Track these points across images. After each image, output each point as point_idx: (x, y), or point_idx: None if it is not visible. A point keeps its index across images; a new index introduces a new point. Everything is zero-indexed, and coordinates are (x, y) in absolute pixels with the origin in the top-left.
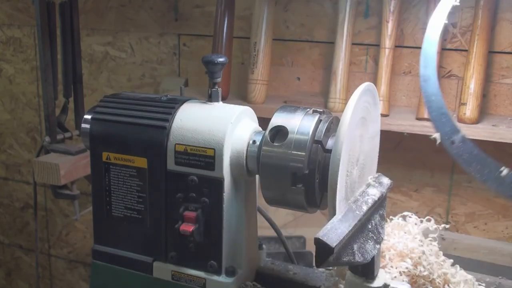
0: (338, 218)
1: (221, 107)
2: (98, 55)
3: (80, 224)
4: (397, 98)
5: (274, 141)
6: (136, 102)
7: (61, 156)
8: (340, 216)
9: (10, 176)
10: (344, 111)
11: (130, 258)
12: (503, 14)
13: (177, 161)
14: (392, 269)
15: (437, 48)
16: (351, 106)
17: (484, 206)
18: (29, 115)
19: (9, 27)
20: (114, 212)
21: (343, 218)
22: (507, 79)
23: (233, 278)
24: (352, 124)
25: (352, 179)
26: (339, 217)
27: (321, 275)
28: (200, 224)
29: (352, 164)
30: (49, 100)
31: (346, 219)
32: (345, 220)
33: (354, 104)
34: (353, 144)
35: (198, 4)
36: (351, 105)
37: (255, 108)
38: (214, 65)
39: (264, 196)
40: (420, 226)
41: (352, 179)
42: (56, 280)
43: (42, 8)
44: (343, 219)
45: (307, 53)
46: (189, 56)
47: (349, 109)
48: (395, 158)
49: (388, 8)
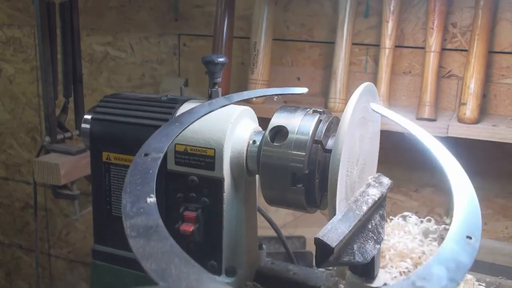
0: (338, 218)
1: None
2: (98, 55)
3: (80, 224)
4: (397, 98)
5: (274, 141)
6: (136, 102)
7: (61, 156)
8: (340, 216)
9: (10, 176)
10: (344, 111)
11: (130, 258)
12: (503, 14)
13: (177, 161)
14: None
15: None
16: (351, 106)
17: (484, 206)
18: (29, 115)
19: (9, 27)
20: (114, 212)
21: (343, 218)
22: (507, 79)
23: (233, 278)
24: (352, 124)
25: (352, 179)
26: (339, 217)
27: (321, 275)
28: (200, 224)
29: (352, 164)
30: (49, 100)
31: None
32: (345, 220)
33: (354, 104)
34: (353, 144)
35: (198, 4)
36: (351, 105)
37: (255, 108)
38: (214, 65)
39: (264, 196)
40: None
41: (352, 179)
42: (56, 280)
43: (42, 8)
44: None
45: (307, 53)
46: (189, 56)
47: (349, 109)
48: (395, 158)
49: (388, 8)
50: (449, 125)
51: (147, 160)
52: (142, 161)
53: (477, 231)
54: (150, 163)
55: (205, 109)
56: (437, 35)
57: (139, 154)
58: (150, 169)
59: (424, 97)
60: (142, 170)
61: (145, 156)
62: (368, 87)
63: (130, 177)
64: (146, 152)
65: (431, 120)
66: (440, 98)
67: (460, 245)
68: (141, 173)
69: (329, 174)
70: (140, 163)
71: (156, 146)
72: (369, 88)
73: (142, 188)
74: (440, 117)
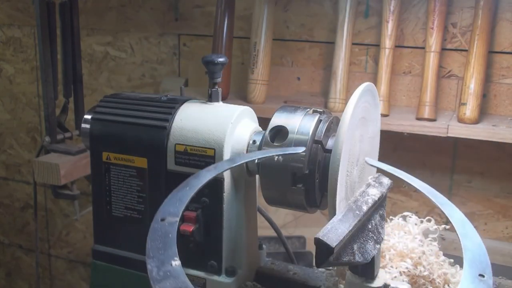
0: (338, 218)
1: (221, 107)
2: (98, 55)
3: (80, 224)
4: (397, 98)
5: (274, 141)
6: (136, 102)
7: (61, 156)
8: (340, 216)
9: (10, 176)
10: (344, 111)
11: (130, 258)
12: (503, 14)
13: (177, 161)
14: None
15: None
16: (351, 106)
17: (484, 206)
18: (29, 115)
19: (9, 27)
20: (114, 212)
21: (343, 218)
22: (507, 79)
23: (233, 278)
24: (352, 124)
25: (352, 179)
26: (339, 217)
27: (321, 275)
28: (200, 224)
29: (352, 164)
30: (49, 100)
31: (346, 219)
32: (345, 220)
33: (354, 104)
34: (353, 144)
35: (198, 4)
36: (351, 105)
37: (255, 108)
38: (214, 65)
39: (264, 196)
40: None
41: (352, 179)
42: (56, 280)
43: (42, 8)
44: (343, 219)
45: (307, 53)
46: (189, 56)
47: (349, 109)
48: (395, 158)
49: (388, 8)
50: (449, 125)
51: (164, 225)
52: (160, 226)
53: (488, 269)
54: (168, 228)
55: (211, 173)
56: (437, 35)
57: (156, 220)
58: (169, 233)
59: (424, 97)
60: (162, 235)
61: (162, 221)
62: (368, 87)
63: (151, 243)
64: (162, 217)
65: (431, 120)
66: (440, 98)
67: (475, 283)
68: (161, 237)
69: (329, 174)
70: (158, 228)
71: (171, 211)
72: (369, 88)
73: (165, 252)
74: (440, 117)
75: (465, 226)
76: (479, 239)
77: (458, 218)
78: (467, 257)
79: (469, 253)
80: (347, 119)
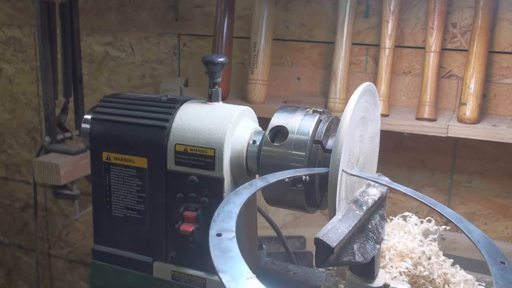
0: (338, 218)
1: (221, 107)
2: (98, 55)
3: (80, 224)
4: (397, 98)
5: (274, 141)
6: (136, 102)
7: (61, 156)
8: (340, 216)
9: (10, 176)
10: (344, 111)
11: (130, 258)
12: (503, 14)
13: (177, 161)
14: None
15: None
16: (351, 106)
17: (484, 206)
18: (29, 115)
19: (9, 27)
20: (114, 212)
21: (343, 218)
22: (507, 79)
23: None
24: (352, 124)
25: (352, 179)
26: (339, 217)
27: (321, 275)
28: (200, 224)
29: (352, 164)
30: (49, 100)
31: (346, 219)
32: (345, 220)
33: (354, 104)
34: (353, 144)
35: (198, 4)
36: (351, 105)
37: (255, 108)
38: (214, 65)
39: (264, 196)
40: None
41: (352, 179)
42: (56, 280)
43: (42, 8)
44: (343, 219)
45: (307, 53)
46: (189, 56)
47: (349, 109)
48: (395, 158)
49: (388, 8)
50: (449, 125)
51: (222, 240)
52: (218, 241)
53: (503, 257)
54: (227, 243)
55: (248, 190)
56: (437, 35)
57: (212, 235)
58: (232, 248)
59: (424, 97)
60: (224, 249)
61: (219, 236)
62: (368, 87)
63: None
64: (219, 233)
65: (431, 120)
66: (440, 98)
67: (504, 270)
68: (224, 251)
69: (329, 174)
70: (217, 243)
71: (224, 226)
72: (369, 88)
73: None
74: (440, 117)
75: (463, 221)
76: (478, 230)
77: (450, 212)
78: (482, 248)
79: (482, 244)
80: (347, 119)
